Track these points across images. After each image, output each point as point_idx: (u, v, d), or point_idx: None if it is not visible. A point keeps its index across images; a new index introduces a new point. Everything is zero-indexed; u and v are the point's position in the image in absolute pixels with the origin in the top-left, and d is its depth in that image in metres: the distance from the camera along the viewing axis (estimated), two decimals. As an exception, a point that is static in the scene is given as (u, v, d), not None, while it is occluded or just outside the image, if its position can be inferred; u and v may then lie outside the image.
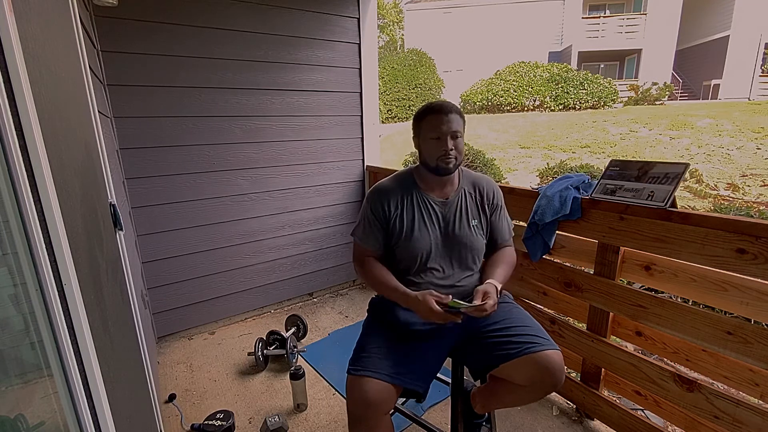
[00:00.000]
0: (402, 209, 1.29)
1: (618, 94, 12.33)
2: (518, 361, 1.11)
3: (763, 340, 1.12)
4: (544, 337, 1.15)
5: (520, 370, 1.13)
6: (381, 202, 1.30)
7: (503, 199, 1.41)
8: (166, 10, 2.06)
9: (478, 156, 5.37)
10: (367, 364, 1.14)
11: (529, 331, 1.16)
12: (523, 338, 1.14)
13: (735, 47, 13.70)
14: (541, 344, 1.11)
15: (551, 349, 1.11)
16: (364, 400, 1.08)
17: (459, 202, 1.31)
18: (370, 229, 1.31)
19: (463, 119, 1.27)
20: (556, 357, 1.10)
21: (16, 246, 0.50)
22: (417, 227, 1.27)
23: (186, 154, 2.24)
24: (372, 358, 1.16)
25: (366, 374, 1.11)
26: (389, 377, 1.11)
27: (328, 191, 2.81)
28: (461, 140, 1.25)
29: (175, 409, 1.83)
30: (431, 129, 1.23)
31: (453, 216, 1.30)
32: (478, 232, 1.32)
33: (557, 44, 16.41)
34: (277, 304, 2.80)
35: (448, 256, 1.29)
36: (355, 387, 1.11)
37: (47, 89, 0.63)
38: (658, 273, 1.36)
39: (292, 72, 2.49)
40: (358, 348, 1.23)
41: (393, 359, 1.16)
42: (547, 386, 1.12)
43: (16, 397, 0.57)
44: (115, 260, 1.14)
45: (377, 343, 1.21)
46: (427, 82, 13.73)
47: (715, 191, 5.79)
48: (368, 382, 1.09)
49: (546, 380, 1.10)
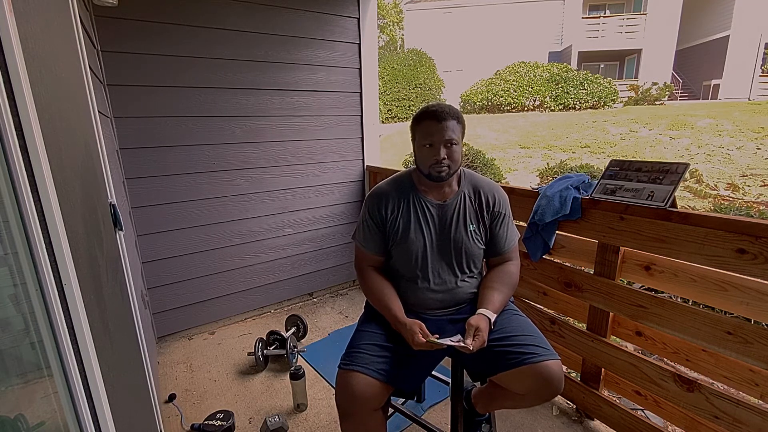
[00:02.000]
0: (399, 212, 1.28)
1: (618, 94, 12.33)
2: (517, 371, 1.11)
3: (763, 340, 1.12)
4: (543, 346, 1.14)
5: (518, 380, 1.12)
6: (378, 206, 1.29)
7: (509, 207, 1.34)
8: (166, 10, 2.06)
9: (478, 156, 5.37)
10: (357, 360, 1.15)
11: (529, 341, 1.15)
12: (522, 348, 1.13)
13: (735, 47, 13.70)
14: (540, 354, 1.10)
15: (550, 359, 1.10)
16: (350, 394, 1.10)
17: (457, 205, 1.28)
18: (369, 233, 1.31)
19: (461, 124, 1.23)
20: (555, 367, 1.09)
21: (16, 246, 0.50)
22: (412, 229, 1.26)
23: (186, 154, 2.24)
24: (363, 354, 1.17)
25: (355, 369, 1.12)
26: (377, 374, 1.13)
27: (328, 191, 2.81)
28: (457, 147, 1.20)
29: (175, 409, 1.83)
30: (425, 136, 1.20)
31: (449, 219, 1.27)
32: (475, 237, 1.27)
33: (557, 44, 16.41)
34: (277, 304, 2.80)
35: (444, 259, 1.27)
36: (343, 381, 1.12)
37: (47, 89, 0.63)
38: (658, 273, 1.36)
39: (292, 72, 2.49)
40: (350, 344, 1.24)
41: (384, 357, 1.17)
42: (546, 395, 1.12)
43: (16, 397, 0.57)
44: (115, 260, 1.14)
45: (370, 340, 1.22)
46: (427, 82, 13.72)
47: (715, 191, 5.79)
48: (356, 377, 1.11)
49: (544, 390, 1.10)
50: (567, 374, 1.76)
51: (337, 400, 1.14)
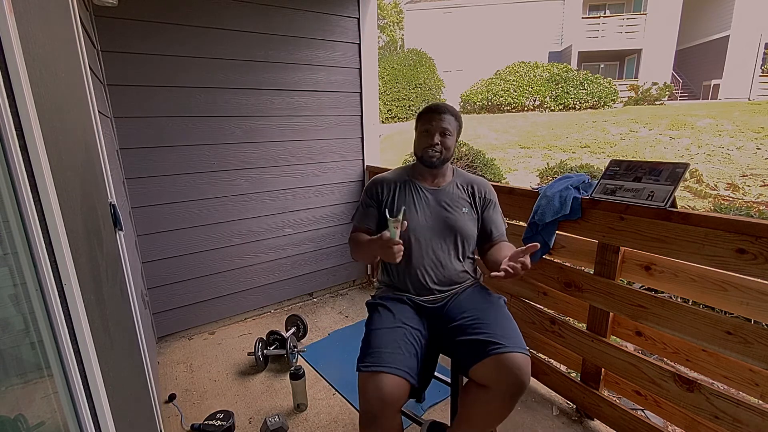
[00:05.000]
0: (395, 193, 1.41)
1: (618, 94, 12.33)
2: (485, 361, 1.09)
3: (763, 340, 1.12)
4: (513, 338, 1.13)
5: (487, 370, 1.10)
6: (376, 188, 1.44)
7: (497, 199, 1.48)
8: (166, 10, 2.06)
9: (478, 156, 5.37)
10: (379, 360, 1.12)
11: (500, 332, 1.14)
12: (493, 338, 1.12)
13: (735, 47, 13.70)
14: (506, 346, 1.09)
15: (516, 351, 1.08)
16: (379, 397, 1.05)
17: (450, 190, 1.42)
18: (365, 211, 1.44)
19: (458, 122, 1.40)
20: (520, 359, 1.07)
21: (16, 246, 0.50)
22: (407, 209, 1.36)
23: (186, 154, 2.24)
24: (382, 353, 1.14)
25: (380, 369, 1.09)
26: (403, 372, 1.10)
27: (328, 191, 2.81)
28: (451, 139, 1.37)
29: (175, 409, 1.83)
30: (423, 123, 1.38)
31: (443, 201, 1.39)
32: (468, 218, 1.39)
33: (557, 44, 16.41)
34: (277, 304, 2.80)
35: (439, 238, 1.35)
36: (369, 383, 1.08)
37: (47, 89, 0.63)
38: (658, 273, 1.36)
39: (292, 72, 2.49)
40: (365, 345, 1.22)
41: (403, 355, 1.15)
42: (511, 389, 1.07)
43: (16, 397, 0.57)
44: (115, 260, 1.14)
45: (385, 339, 1.20)
46: (427, 82, 13.72)
47: (715, 191, 5.79)
48: (384, 378, 1.07)
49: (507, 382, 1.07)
50: (567, 374, 1.77)
51: (362, 406, 1.09)
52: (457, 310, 1.29)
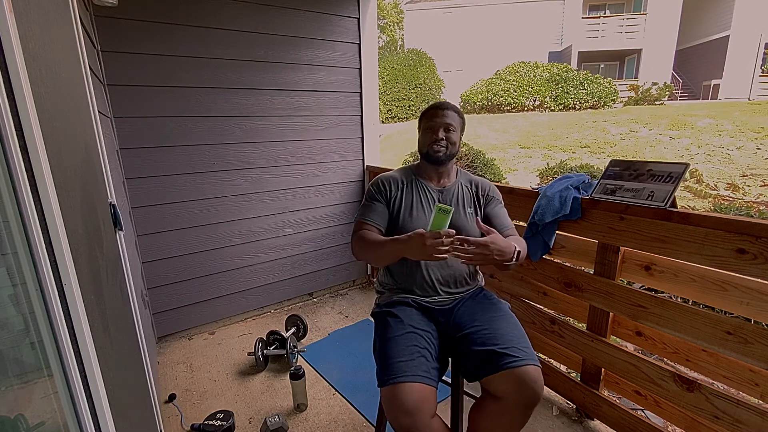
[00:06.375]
0: (402, 191, 1.40)
1: (618, 94, 12.33)
2: (498, 375, 1.08)
3: (763, 340, 1.12)
4: (525, 350, 1.12)
5: (500, 383, 1.09)
6: (383, 184, 1.42)
7: (501, 197, 1.47)
8: (166, 10, 2.06)
9: (478, 156, 5.36)
10: (399, 370, 1.09)
11: (513, 343, 1.13)
12: (506, 350, 1.11)
13: (735, 47, 13.70)
14: (520, 359, 1.08)
15: (530, 364, 1.08)
16: (406, 410, 1.02)
17: (455, 190, 1.42)
18: (371, 205, 1.39)
19: (461, 119, 1.41)
20: (534, 372, 1.07)
21: (16, 246, 0.50)
22: (415, 208, 1.37)
23: (186, 154, 2.24)
24: (402, 362, 1.11)
25: (402, 380, 1.06)
26: (426, 378, 1.08)
27: (328, 191, 2.81)
28: (455, 134, 1.37)
29: (175, 409, 1.83)
30: (427, 121, 1.39)
31: (448, 201, 1.39)
32: (471, 219, 1.38)
33: (557, 44, 16.41)
34: (277, 304, 2.80)
35: None
36: (394, 397, 1.04)
37: (47, 89, 0.63)
38: (658, 273, 1.36)
39: (292, 72, 2.49)
40: (381, 358, 1.18)
41: (418, 359, 1.13)
42: (526, 400, 1.07)
43: (16, 397, 0.57)
44: (115, 260, 1.14)
45: (399, 348, 1.17)
46: (427, 82, 13.72)
47: (715, 191, 5.79)
48: (407, 387, 1.04)
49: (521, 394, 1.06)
50: (567, 374, 1.77)
51: (391, 422, 1.05)
52: (467, 318, 1.26)
